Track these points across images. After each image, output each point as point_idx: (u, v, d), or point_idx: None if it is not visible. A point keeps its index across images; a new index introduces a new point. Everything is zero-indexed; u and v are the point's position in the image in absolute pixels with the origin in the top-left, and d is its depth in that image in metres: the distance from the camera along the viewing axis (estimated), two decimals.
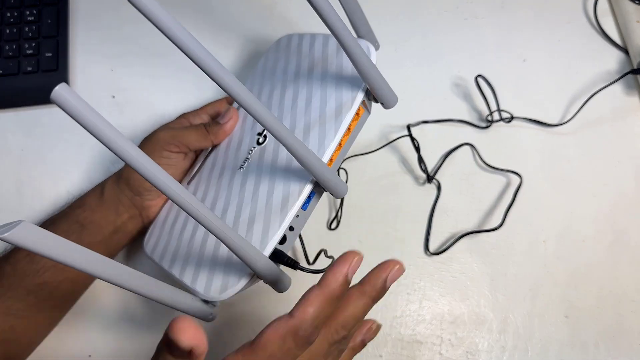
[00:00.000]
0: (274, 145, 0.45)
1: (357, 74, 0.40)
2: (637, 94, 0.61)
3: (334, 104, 0.43)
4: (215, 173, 0.48)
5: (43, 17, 0.61)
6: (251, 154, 0.46)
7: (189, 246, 0.44)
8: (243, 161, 0.47)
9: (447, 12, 0.64)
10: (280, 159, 0.44)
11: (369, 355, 0.51)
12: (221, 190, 0.46)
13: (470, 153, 0.58)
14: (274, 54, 0.53)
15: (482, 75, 0.59)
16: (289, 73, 0.49)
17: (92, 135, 0.27)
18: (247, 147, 0.47)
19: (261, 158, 0.45)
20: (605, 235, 0.55)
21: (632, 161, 0.58)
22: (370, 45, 0.44)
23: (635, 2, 0.62)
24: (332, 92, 0.44)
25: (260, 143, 0.47)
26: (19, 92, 0.58)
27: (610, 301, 0.53)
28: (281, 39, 0.54)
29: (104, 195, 0.48)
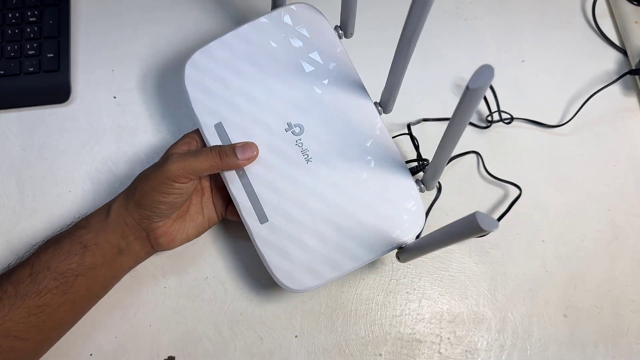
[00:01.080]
0: (322, 131, 0.48)
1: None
2: (636, 94, 0.61)
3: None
4: (276, 175, 0.48)
5: (44, 17, 0.61)
6: (302, 145, 0.48)
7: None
8: (304, 154, 0.48)
9: (446, 12, 0.64)
10: (343, 141, 0.48)
11: (369, 354, 0.51)
12: (305, 185, 0.47)
13: (473, 156, 0.58)
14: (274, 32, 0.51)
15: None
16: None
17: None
18: (289, 142, 0.48)
19: (322, 145, 0.48)
20: (605, 235, 0.55)
21: (631, 161, 0.58)
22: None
23: (634, 3, 0.62)
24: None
25: (297, 133, 0.48)
26: (20, 92, 0.59)
27: (609, 301, 0.53)
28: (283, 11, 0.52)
29: (109, 216, 0.47)
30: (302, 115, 0.49)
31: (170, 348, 0.51)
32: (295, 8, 0.51)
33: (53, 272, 0.44)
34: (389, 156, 0.49)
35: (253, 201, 0.47)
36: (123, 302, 0.52)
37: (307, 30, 0.51)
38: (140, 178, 0.48)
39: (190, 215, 0.50)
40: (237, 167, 0.47)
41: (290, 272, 0.46)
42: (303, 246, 0.47)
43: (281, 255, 0.47)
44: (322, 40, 0.51)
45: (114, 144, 0.58)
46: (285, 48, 0.50)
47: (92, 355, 0.51)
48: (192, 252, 0.54)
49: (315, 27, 0.51)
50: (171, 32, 0.62)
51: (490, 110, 0.59)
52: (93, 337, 0.51)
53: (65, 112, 0.59)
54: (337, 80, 0.50)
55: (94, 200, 0.55)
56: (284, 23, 0.51)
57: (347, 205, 0.47)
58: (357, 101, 0.50)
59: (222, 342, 0.51)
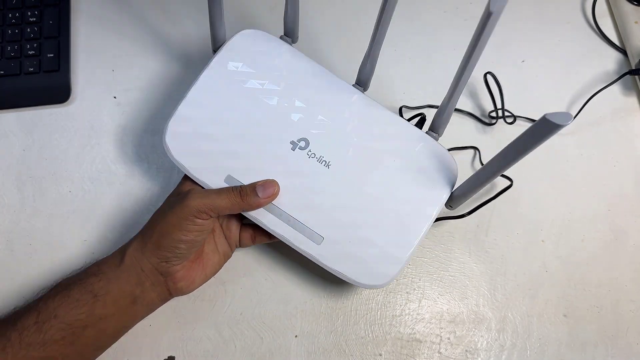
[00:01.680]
0: (326, 135, 0.48)
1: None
2: (636, 95, 0.61)
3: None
4: (306, 193, 0.47)
5: (44, 17, 0.61)
6: (315, 154, 0.47)
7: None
8: (321, 162, 0.47)
9: (446, 12, 0.64)
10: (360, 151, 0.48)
11: (369, 354, 0.51)
12: (337, 188, 0.47)
13: (469, 153, 0.58)
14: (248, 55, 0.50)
15: (491, 72, 0.58)
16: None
17: None
18: (302, 158, 0.47)
19: (334, 147, 0.48)
20: (604, 235, 0.55)
21: (631, 161, 0.58)
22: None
23: (634, 3, 0.62)
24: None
25: (304, 147, 0.47)
26: (20, 92, 0.59)
27: (609, 301, 0.53)
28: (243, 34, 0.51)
29: (123, 262, 0.45)
30: (299, 129, 0.48)
31: (170, 348, 0.51)
32: (238, 40, 0.50)
33: (60, 322, 0.42)
34: (394, 128, 0.49)
35: (300, 229, 0.46)
36: None
37: (255, 63, 0.49)
38: (156, 219, 0.46)
39: (206, 254, 0.48)
40: (259, 206, 0.45)
41: (370, 271, 0.46)
42: (366, 241, 0.46)
43: (352, 261, 0.46)
44: (274, 61, 0.49)
45: (114, 144, 0.58)
46: (246, 92, 0.49)
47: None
48: None
49: (263, 51, 0.50)
50: (171, 32, 0.62)
51: (495, 106, 0.59)
52: None
53: (65, 112, 0.59)
54: (310, 87, 0.49)
55: (94, 200, 0.55)
56: (230, 72, 0.49)
57: (382, 189, 0.47)
58: (337, 92, 0.49)
59: (222, 342, 0.51)
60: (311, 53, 0.52)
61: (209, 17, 0.46)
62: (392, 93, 0.61)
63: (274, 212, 0.46)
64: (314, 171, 0.47)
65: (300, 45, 0.54)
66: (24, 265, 0.53)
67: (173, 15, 0.64)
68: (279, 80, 0.49)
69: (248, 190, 0.45)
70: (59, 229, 0.54)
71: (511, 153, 0.38)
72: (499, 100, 0.59)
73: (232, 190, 0.45)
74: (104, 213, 0.55)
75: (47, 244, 0.54)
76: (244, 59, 0.49)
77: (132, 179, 0.56)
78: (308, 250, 0.46)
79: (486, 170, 0.42)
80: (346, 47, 0.60)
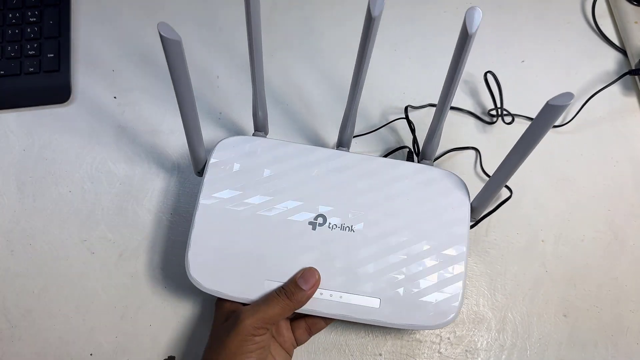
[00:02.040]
0: (338, 203, 0.48)
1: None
2: (636, 95, 0.61)
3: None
4: (348, 263, 0.47)
5: (45, 18, 0.61)
6: (337, 224, 0.47)
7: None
8: (344, 229, 0.47)
9: (446, 12, 0.64)
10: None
11: (369, 354, 0.51)
12: (374, 244, 0.47)
13: (470, 154, 0.58)
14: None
15: (491, 72, 0.58)
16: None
17: None
18: (326, 234, 0.47)
19: (352, 210, 0.48)
20: (604, 235, 0.55)
21: (631, 161, 0.58)
22: None
23: (634, 3, 0.63)
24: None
25: (323, 222, 0.47)
26: (20, 92, 0.59)
27: (609, 301, 0.53)
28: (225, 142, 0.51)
29: None
30: (311, 210, 0.48)
31: (170, 348, 0.51)
32: (215, 159, 0.49)
33: None
34: (392, 172, 0.50)
35: (355, 301, 0.46)
36: (123, 302, 0.52)
37: (239, 177, 0.49)
38: (211, 351, 0.44)
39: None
40: (308, 298, 0.44)
41: (435, 310, 0.46)
42: (419, 285, 0.46)
43: (415, 309, 0.46)
44: (258, 161, 0.49)
45: (114, 144, 0.58)
46: (244, 214, 0.48)
47: (92, 355, 0.51)
48: None
49: (244, 157, 0.49)
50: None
51: (495, 105, 0.59)
52: (93, 337, 0.51)
53: (65, 112, 0.59)
54: (300, 170, 0.49)
55: (94, 200, 0.55)
56: (220, 201, 0.48)
57: (411, 231, 0.47)
58: (327, 162, 0.49)
59: None
60: (285, 132, 0.56)
61: (188, 143, 0.46)
62: (392, 93, 0.61)
63: (323, 296, 0.46)
64: (342, 240, 0.47)
65: (272, 129, 0.56)
66: (23, 265, 0.53)
67: (173, 14, 0.64)
68: (269, 185, 0.48)
69: (292, 288, 0.44)
70: (59, 229, 0.54)
71: (521, 147, 0.39)
72: (499, 100, 0.59)
73: (277, 295, 0.44)
74: (104, 213, 0.55)
75: (47, 244, 0.54)
76: (226, 178, 0.49)
77: (132, 179, 0.56)
78: (370, 317, 0.45)
79: (498, 174, 0.43)
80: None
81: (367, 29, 0.37)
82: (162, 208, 0.55)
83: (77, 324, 0.51)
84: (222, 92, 0.60)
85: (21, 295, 0.52)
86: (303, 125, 0.59)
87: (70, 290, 0.52)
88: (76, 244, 0.54)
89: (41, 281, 0.53)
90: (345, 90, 0.46)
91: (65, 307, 0.52)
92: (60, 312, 0.52)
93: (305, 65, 0.62)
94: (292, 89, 0.61)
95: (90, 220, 0.55)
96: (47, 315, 0.52)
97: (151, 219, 0.55)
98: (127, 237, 0.54)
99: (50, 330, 0.51)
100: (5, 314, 0.51)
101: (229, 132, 0.59)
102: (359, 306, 0.45)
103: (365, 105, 0.60)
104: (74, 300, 0.52)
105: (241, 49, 0.63)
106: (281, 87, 0.61)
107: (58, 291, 0.52)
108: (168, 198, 0.56)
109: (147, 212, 0.55)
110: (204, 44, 0.62)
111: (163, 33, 0.32)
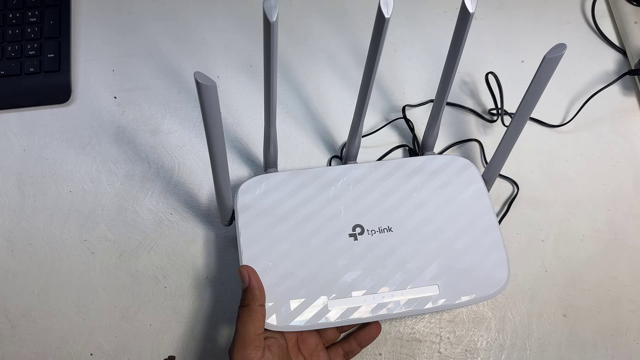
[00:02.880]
0: (371, 210, 0.50)
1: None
2: (635, 95, 0.61)
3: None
4: (393, 257, 0.49)
5: (45, 18, 0.61)
6: (375, 229, 0.49)
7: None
8: (383, 231, 0.49)
9: (446, 12, 0.64)
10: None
11: (369, 354, 0.51)
12: (410, 241, 0.49)
13: (473, 150, 0.58)
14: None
15: (492, 72, 0.58)
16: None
17: None
18: (367, 242, 0.49)
19: (385, 214, 0.50)
20: (604, 235, 0.55)
21: (630, 161, 0.58)
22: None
23: (633, 3, 0.63)
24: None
25: (362, 232, 0.49)
26: (21, 92, 0.59)
27: (609, 300, 0.53)
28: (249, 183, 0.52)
29: None
30: (347, 223, 0.49)
31: (170, 348, 0.51)
32: (241, 205, 0.50)
33: None
34: (404, 169, 0.52)
35: (418, 292, 0.47)
36: (123, 301, 0.52)
37: (268, 218, 0.50)
38: None
39: None
40: (259, 289, 0.45)
41: (489, 279, 0.48)
42: (468, 263, 0.48)
43: (472, 283, 0.48)
44: (281, 194, 0.51)
45: (114, 144, 0.58)
46: (287, 214, 0.50)
47: (92, 355, 0.51)
48: (193, 252, 0.54)
49: (264, 197, 0.50)
50: (171, 31, 0.63)
51: (496, 104, 0.59)
52: (93, 337, 0.51)
53: (65, 112, 0.59)
54: (323, 190, 0.51)
55: (94, 200, 0.55)
56: (255, 244, 0.48)
57: (443, 216, 0.50)
58: (347, 177, 0.52)
59: (223, 341, 0.51)
60: (292, 161, 0.57)
61: (216, 193, 0.46)
62: (392, 93, 0.61)
63: (386, 298, 0.47)
64: (385, 241, 0.49)
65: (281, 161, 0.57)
66: (24, 265, 0.53)
67: (172, 14, 0.64)
68: (299, 215, 0.50)
69: (244, 296, 0.44)
70: (59, 229, 0.54)
71: (531, 94, 0.43)
72: (499, 100, 0.59)
73: (241, 311, 0.44)
74: (104, 213, 0.55)
75: (47, 244, 0.54)
76: (257, 221, 0.49)
77: (132, 179, 0.56)
78: (436, 305, 0.47)
79: (509, 132, 0.46)
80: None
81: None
82: (162, 208, 0.55)
83: (77, 324, 0.51)
84: (224, 93, 0.60)
85: (21, 295, 0.52)
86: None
87: (70, 290, 0.52)
88: (76, 244, 0.54)
89: (41, 281, 0.53)
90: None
91: (66, 307, 0.52)
92: (60, 312, 0.52)
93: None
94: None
95: (90, 220, 0.55)
96: (47, 315, 0.52)
97: (151, 219, 0.55)
98: (127, 237, 0.54)
99: (50, 330, 0.51)
100: (6, 314, 0.52)
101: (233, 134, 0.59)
102: (422, 297, 0.47)
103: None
104: (74, 300, 0.52)
105: (241, 48, 0.63)
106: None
107: (58, 291, 0.52)
108: (168, 198, 0.56)
109: (147, 212, 0.55)
110: (203, 44, 0.62)
111: (199, 80, 0.33)
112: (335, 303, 0.46)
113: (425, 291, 0.47)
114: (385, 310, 0.46)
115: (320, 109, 0.60)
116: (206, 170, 0.57)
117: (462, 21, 0.40)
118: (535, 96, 0.42)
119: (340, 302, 0.46)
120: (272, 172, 0.53)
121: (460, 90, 0.61)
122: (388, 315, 0.46)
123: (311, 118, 0.60)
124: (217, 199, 0.47)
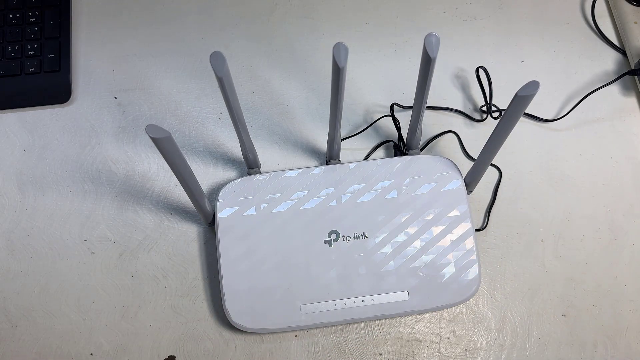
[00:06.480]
0: (345, 216, 0.51)
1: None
2: (635, 95, 0.61)
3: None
4: (371, 260, 0.50)
5: (45, 18, 0.61)
6: (350, 236, 0.50)
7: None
8: (359, 237, 0.50)
9: (446, 13, 0.64)
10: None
11: (369, 354, 0.51)
12: (382, 245, 0.50)
13: (456, 143, 0.58)
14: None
15: (483, 67, 0.58)
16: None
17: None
18: (344, 249, 0.50)
19: (360, 221, 0.51)
20: (604, 235, 0.55)
21: (630, 161, 0.58)
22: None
23: (633, 3, 0.63)
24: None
25: (337, 238, 0.50)
26: (21, 92, 0.59)
27: (609, 300, 0.53)
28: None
29: None
30: (323, 228, 0.50)
31: (170, 348, 0.51)
32: (221, 208, 0.51)
33: None
34: (383, 169, 0.52)
35: (387, 298, 0.49)
36: (124, 301, 0.52)
37: (248, 221, 0.51)
38: None
39: None
40: None
41: (460, 286, 0.49)
42: (439, 268, 0.50)
43: (442, 290, 0.49)
44: (258, 203, 0.51)
45: (114, 144, 0.58)
46: (270, 218, 0.51)
47: (92, 355, 0.51)
48: (192, 252, 0.54)
49: (245, 200, 0.51)
50: (171, 30, 0.63)
51: (486, 101, 0.58)
52: (94, 337, 0.51)
53: (65, 112, 0.59)
54: (303, 193, 0.52)
55: (94, 200, 0.56)
56: (233, 245, 0.50)
57: (416, 217, 0.51)
58: (322, 179, 0.52)
59: (222, 341, 0.51)
60: (279, 160, 0.57)
61: (193, 204, 0.48)
62: (391, 93, 0.61)
63: (357, 303, 0.49)
64: (359, 248, 0.50)
65: (265, 162, 0.57)
66: (24, 265, 0.53)
67: (172, 13, 0.64)
68: (277, 218, 0.51)
69: None
70: (59, 229, 0.54)
71: (496, 136, 0.42)
72: (489, 95, 0.58)
73: None
74: (104, 213, 0.55)
75: (48, 243, 0.54)
76: (237, 224, 0.51)
77: (132, 179, 0.57)
78: (403, 310, 0.49)
79: (486, 149, 0.46)
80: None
81: (336, 79, 0.39)
82: (162, 208, 0.55)
83: (77, 323, 0.51)
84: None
85: (21, 295, 0.52)
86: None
87: (70, 290, 0.53)
88: (76, 244, 0.54)
89: (41, 281, 0.53)
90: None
91: (66, 307, 0.52)
92: (60, 312, 0.52)
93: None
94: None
95: (90, 220, 0.55)
96: (47, 315, 0.52)
97: (151, 219, 0.55)
98: (127, 237, 0.54)
99: (50, 330, 0.51)
100: (6, 314, 0.52)
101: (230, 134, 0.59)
102: (391, 303, 0.49)
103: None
104: (74, 300, 0.52)
105: (241, 48, 0.63)
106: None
107: (58, 291, 0.52)
108: (168, 198, 0.56)
109: (147, 212, 0.55)
110: (204, 43, 0.62)
111: (152, 134, 0.34)
112: (307, 308, 0.48)
113: (394, 297, 0.49)
114: (354, 314, 0.49)
115: (320, 109, 0.60)
116: (206, 170, 0.57)
117: (426, 64, 0.41)
118: (505, 133, 0.41)
119: (311, 307, 0.48)
120: (255, 173, 0.54)
121: (452, 86, 0.61)
122: (356, 319, 0.49)
123: (311, 118, 0.60)
124: (195, 207, 0.48)
